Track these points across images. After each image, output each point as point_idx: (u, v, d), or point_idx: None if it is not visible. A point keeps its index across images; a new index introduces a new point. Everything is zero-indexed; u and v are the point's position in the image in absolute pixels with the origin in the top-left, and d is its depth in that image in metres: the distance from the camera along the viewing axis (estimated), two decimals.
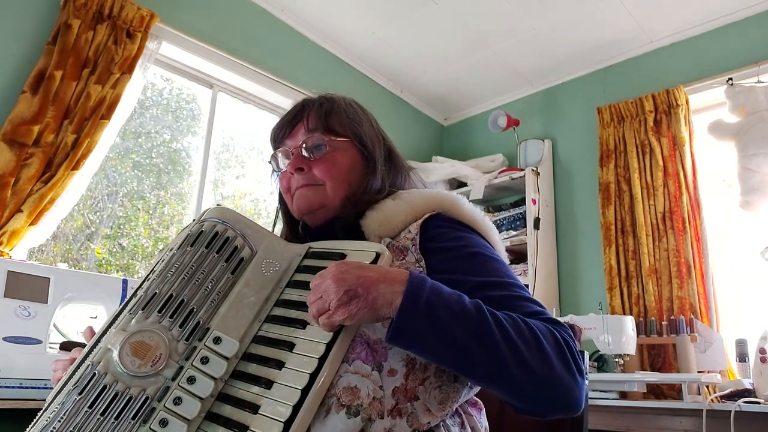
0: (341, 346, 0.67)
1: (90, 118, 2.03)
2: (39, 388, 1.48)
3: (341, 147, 0.90)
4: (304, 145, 0.89)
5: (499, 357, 0.63)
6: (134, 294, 0.78)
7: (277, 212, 1.00)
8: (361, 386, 0.67)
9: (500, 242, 0.86)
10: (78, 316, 1.75)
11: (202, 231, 0.79)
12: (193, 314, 0.71)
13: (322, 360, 0.65)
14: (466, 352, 0.64)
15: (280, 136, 0.94)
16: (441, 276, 0.71)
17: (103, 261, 2.48)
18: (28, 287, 1.55)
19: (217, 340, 0.69)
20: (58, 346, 1.60)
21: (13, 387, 1.44)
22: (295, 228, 0.95)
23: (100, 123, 2.05)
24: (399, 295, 0.64)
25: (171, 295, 0.72)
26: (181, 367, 0.67)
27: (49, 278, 1.60)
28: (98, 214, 2.50)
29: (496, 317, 0.66)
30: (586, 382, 0.69)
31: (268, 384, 0.65)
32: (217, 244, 0.78)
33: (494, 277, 0.75)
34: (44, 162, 1.91)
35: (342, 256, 0.75)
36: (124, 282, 1.75)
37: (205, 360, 0.67)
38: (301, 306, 0.72)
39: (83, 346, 0.83)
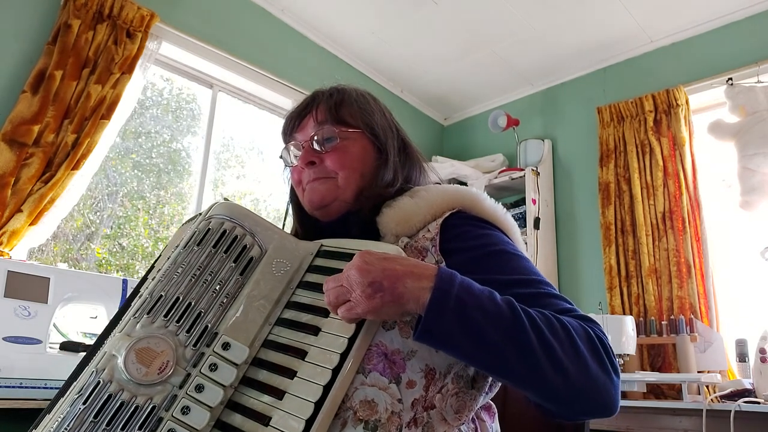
0: (357, 356, 0.64)
1: (90, 118, 2.03)
2: (39, 388, 1.48)
3: (352, 137, 0.86)
4: (314, 138, 0.85)
5: (534, 359, 0.60)
6: (137, 293, 0.74)
7: (288, 208, 0.96)
8: (378, 400, 0.64)
9: (521, 239, 0.83)
10: (78, 316, 1.75)
11: (209, 229, 0.75)
12: (201, 318, 0.68)
13: (336, 371, 0.62)
14: (498, 353, 0.60)
15: (290, 129, 0.91)
16: (465, 276, 0.67)
17: (103, 261, 2.48)
18: (28, 287, 1.55)
19: (225, 346, 0.66)
20: (58, 346, 1.61)
21: (13, 387, 1.44)
22: (307, 224, 0.92)
23: (100, 123, 2.05)
24: (427, 291, 0.60)
25: (177, 298, 0.69)
26: (189, 375, 0.64)
27: (49, 278, 1.59)
28: (98, 214, 2.50)
29: (529, 315, 0.62)
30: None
31: (279, 394, 0.63)
32: (225, 243, 0.74)
33: (520, 275, 0.72)
34: (44, 162, 1.91)
35: None
36: (124, 282, 1.75)
37: (213, 367, 0.64)
38: (313, 310, 0.69)
39: (84, 346, 0.82)
